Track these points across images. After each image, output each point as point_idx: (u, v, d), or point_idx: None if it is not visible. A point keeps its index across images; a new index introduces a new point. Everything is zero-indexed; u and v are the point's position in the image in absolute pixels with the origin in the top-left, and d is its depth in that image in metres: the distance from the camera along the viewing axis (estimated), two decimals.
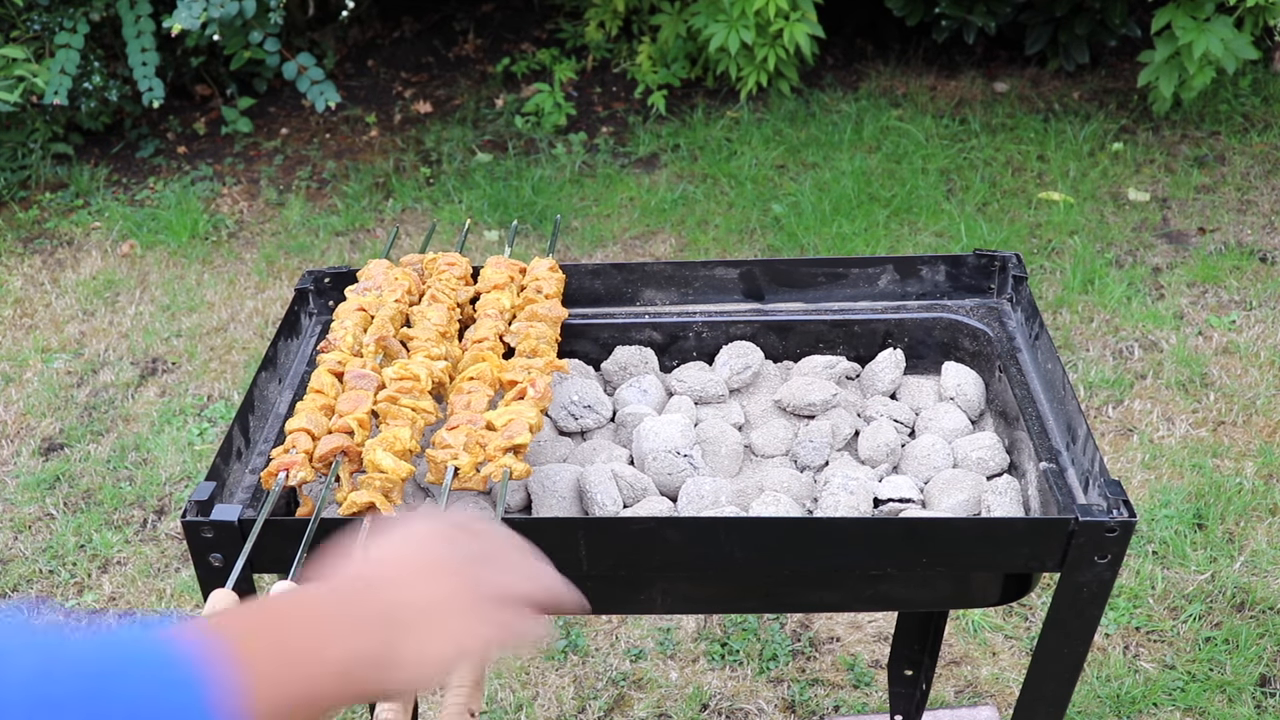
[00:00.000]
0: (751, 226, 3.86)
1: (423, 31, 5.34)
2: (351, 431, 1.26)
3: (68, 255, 3.95)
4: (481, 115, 4.73)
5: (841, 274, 1.57)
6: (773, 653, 2.36)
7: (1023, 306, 1.51)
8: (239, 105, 4.74)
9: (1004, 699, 2.24)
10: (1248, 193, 3.93)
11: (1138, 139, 4.25)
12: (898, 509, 1.30)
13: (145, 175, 4.45)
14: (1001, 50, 4.85)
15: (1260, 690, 2.25)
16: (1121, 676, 2.27)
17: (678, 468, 1.34)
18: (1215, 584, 2.46)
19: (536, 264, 1.54)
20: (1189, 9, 3.90)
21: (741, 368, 1.51)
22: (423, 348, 1.37)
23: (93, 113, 4.40)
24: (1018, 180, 4.05)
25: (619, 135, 4.53)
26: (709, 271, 1.57)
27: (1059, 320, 3.32)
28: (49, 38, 4.15)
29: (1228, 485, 2.68)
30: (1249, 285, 3.44)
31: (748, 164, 4.20)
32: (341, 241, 3.96)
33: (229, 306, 3.62)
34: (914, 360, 1.54)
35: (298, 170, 4.46)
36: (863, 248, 3.67)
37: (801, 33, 4.22)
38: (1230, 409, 2.94)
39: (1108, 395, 3.02)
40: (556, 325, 1.45)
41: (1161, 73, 4.05)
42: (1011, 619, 2.41)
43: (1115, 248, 3.66)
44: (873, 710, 2.24)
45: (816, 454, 1.39)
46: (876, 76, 4.77)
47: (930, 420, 1.44)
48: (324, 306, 1.58)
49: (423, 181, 4.30)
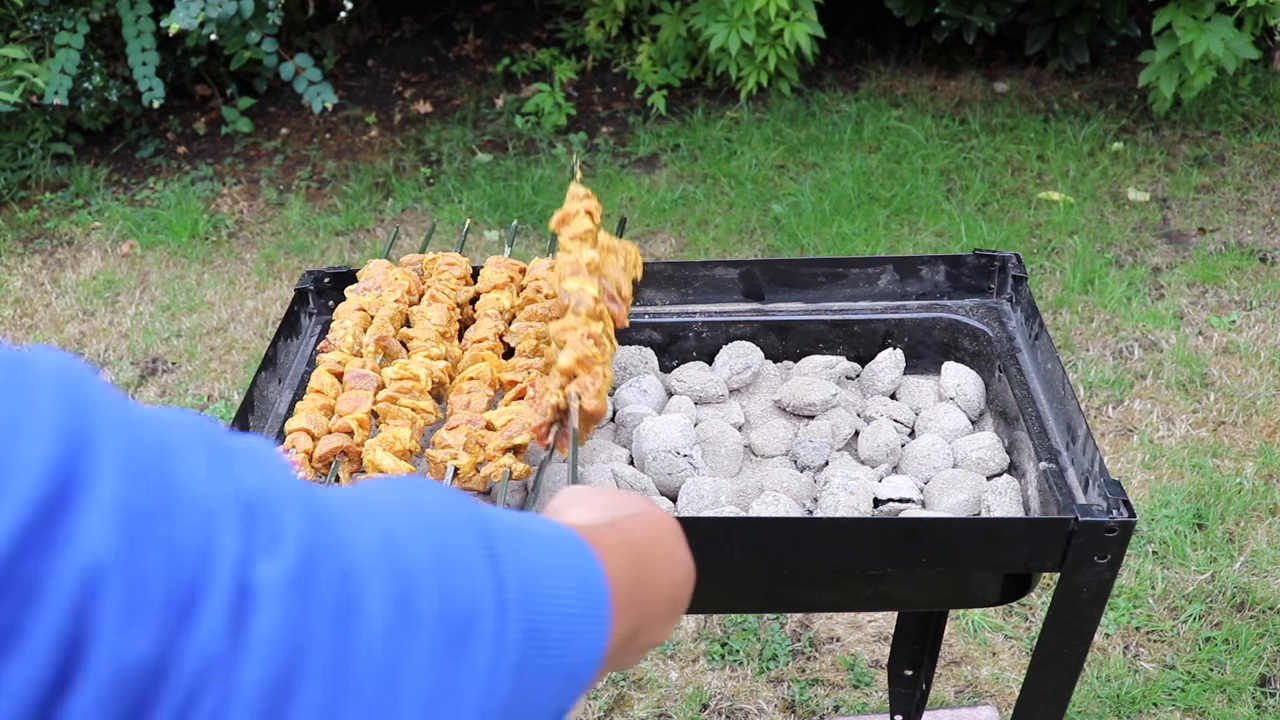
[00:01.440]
0: (751, 226, 3.86)
1: (423, 31, 5.34)
2: (351, 431, 1.26)
3: (68, 255, 3.95)
4: (481, 115, 4.73)
5: (841, 274, 1.57)
6: (773, 653, 2.36)
7: (1023, 306, 1.51)
8: (239, 105, 4.74)
9: (1004, 699, 2.24)
10: (1248, 193, 3.93)
11: (1138, 139, 4.25)
12: (898, 509, 1.30)
13: (145, 175, 4.45)
14: (1001, 50, 4.85)
15: (1260, 690, 2.25)
16: (1121, 676, 2.27)
17: (678, 468, 1.34)
18: (1215, 584, 2.46)
19: (536, 264, 1.54)
20: (1189, 9, 3.90)
21: (741, 368, 1.51)
22: (422, 348, 1.37)
23: (93, 113, 4.41)
24: (1018, 180, 4.05)
25: (619, 135, 4.53)
26: (709, 271, 1.57)
27: (1059, 320, 3.32)
28: (49, 38, 4.15)
29: (1228, 485, 2.68)
30: (1249, 285, 3.44)
31: (748, 164, 4.20)
32: (341, 241, 3.96)
33: (229, 306, 3.62)
34: (914, 360, 1.54)
35: (298, 170, 4.46)
36: (863, 248, 3.67)
37: (802, 33, 4.22)
38: (1230, 409, 2.94)
39: (1108, 395, 3.02)
40: None
41: (1162, 73, 4.05)
42: (1011, 619, 2.41)
43: (1115, 248, 3.66)
44: (873, 710, 2.24)
45: (816, 454, 1.39)
46: (876, 76, 4.77)
47: (930, 420, 1.44)
48: (324, 306, 1.58)
49: (423, 181, 4.30)
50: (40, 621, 0.36)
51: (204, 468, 0.42)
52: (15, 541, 0.36)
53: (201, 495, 0.41)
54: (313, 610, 0.42)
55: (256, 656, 0.40)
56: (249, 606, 0.40)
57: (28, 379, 0.39)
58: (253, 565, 0.41)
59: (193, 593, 0.39)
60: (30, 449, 0.37)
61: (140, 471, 0.40)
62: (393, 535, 0.47)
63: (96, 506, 0.38)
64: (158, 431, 0.42)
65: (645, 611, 0.63)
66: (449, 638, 0.46)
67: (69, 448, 0.38)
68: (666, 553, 0.68)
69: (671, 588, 0.67)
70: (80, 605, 0.37)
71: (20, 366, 0.40)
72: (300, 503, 0.45)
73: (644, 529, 0.67)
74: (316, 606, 0.42)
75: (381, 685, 0.43)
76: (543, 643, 0.51)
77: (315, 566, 0.43)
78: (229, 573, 0.40)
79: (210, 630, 0.39)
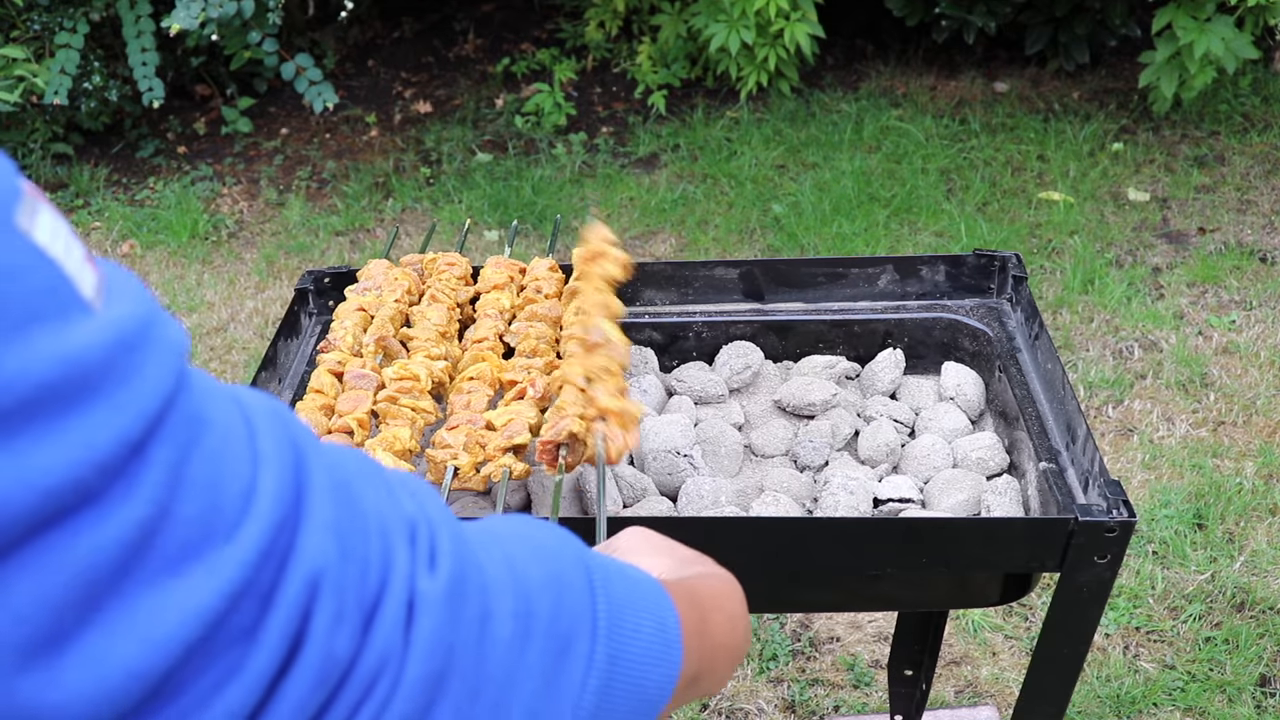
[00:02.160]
0: (751, 226, 3.86)
1: (423, 31, 5.34)
2: (351, 431, 1.26)
3: None
4: (481, 115, 4.73)
5: (841, 274, 1.57)
6: (773, 653, 2.35)
7: (1023, 306, 1.51)
8: (239, 105, 4.74)
9: (1004, 699, 2.24)
10: (1248, 193, 3.93)
11: (1138, 139, 4.25)
12: (898, 509, 1.30)
13: (145, 175, 4.45)
14: (1001, 50, 4.85)
15: (1260, 690, 2.25)
16: (1121, 676, 2.27)
17: (678, 468, 1.34)
18: (1215, 584, 2.46)
19: (536, 264, 1.54)
20: (1189, 9, 3.90)
21: (741, 368, 1.51)
22: (422, 348, 1.37)
23: (93, 113, 4.40)
24: (1018, 180, 4.05)
25: (619, 135, 4.53)
26: (709, 271, 1.57)
27: (1059, 320, 3.32)
28: (49, 38, 4.15)
29: (1228, 485, 2.68)
30: (1249, 285, 3.44)
31: (748, 164, 4.20)
32: (341, 241, 3.96)
33: (229, 306, 3.62)
34: (914, 360, 1.54)
35: (298, 170, 4.46)
36: (863, 248, 3.67)
37: (802, 33, 4.22)
38: (1230, 409, 2.94)
39: (1108, 395, 3.02)
40: (556, 325, 1.45)
41: (1162, 73, 4.05)
42: (1011, 619, 2.41)
43: (1115, 248, 3.66)
44: (873, 710, 2.24)
45: (816, 454, 1.39)
46: (876, 76, 4.77)
47: (930, 420, 1.44)
48: (324, 306, 1.58)
49: (423, 181, 4.30)
50: (274, 621, 0.43)
51: (376, 494, 0.49)
52: (261, 553, 0.42)
53: (378, 517, 0.48)
54: (461, 619, 0.49)
55: (420, 655, 0.47)
56: (415, 614, 0.47)
57: (251, 411, 0.46)
58: (418, 579, 0.48)
59: (377, 600, 0.46)
60: (269, 477, 0.44)
61: (340, 495, 0.47)
62: (514, 558, 0.55)
63: (317, 524, 0.45)
64: (341, 462, 0.49)
65: (708, 660, 0.70)
66: (555, 650, 0.54)
67: (295, 474, 0.45)
68: (730, 613, 0.75)
69: (732, 642, 0.74)
70: (305, 608, 0.43)
71: (240, 401, 0.46)
72: (449, 527, 0.52)
73: (709, 589, 0.75)
74: (464, 616, 0.49)
75: (502, 685, 0.50)
76: (624, 668, 0.58)
77: (464, 582, 0.50)
78: (402, 584, 0.47)
79: (387, 633, 0.46)
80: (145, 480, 0.40)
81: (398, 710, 0.46)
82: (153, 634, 0.39)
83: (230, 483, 0.42)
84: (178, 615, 0.40)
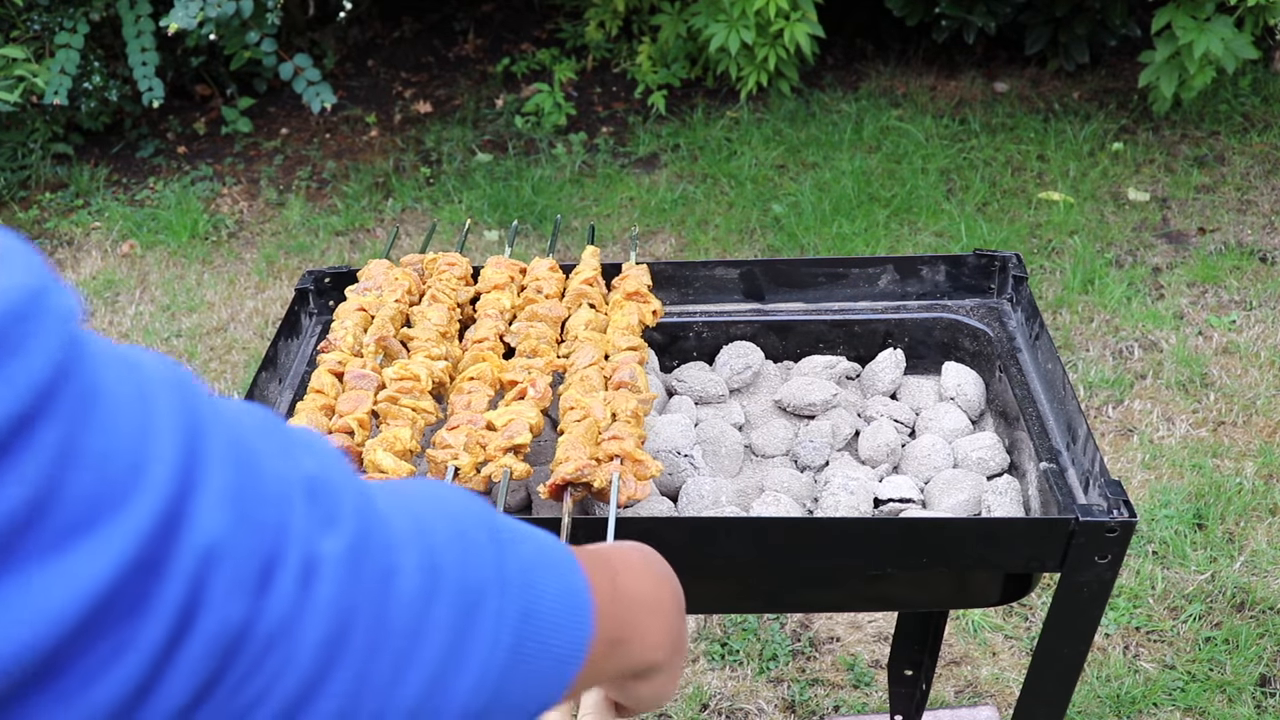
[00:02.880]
0: (751, 226, 3.86)
1: (423, 31, 5.34)
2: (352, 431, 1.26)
3: (68, 255, 3.95)
4: (481, 115, 4.73)
5: (841, 274, 1.57)
6: (773, 653, 2.35)
7: (1023, 306, 1.51)
8: (239, 105, 4.74)
9: (1004, 699, 2.24)
10: (1248, 193, 3.93)
11: (1138, 139, 4.25)
12: (898, 509, 1.30)
13: (145, 175, 4.45)
14: (1001, 50, 4.85)
15: (1260, 690, 2.25)
16: (1121, 676, 2.27)
17: (678, 468, 1.34)
18: (1215, 584, 2.46)
19: (536, 264, 1.54)
20: (1189, 9, 3.90)
21: (742, 368, 1.51)
22: (423, 348, 1.37)
23: (93, 113, 4.41)
24: (1018, 180, 4.05)
25: (619, 135, 4.53)
26: (709, 271, 1.56)
27: (1059, 320, 3.32)
28: (49, 38, 4.15)
29: (1228, 485, 2.68)
30: (1249, 285, 3.44)
31: (748, 164, 4.20)
32: (341, 241, 3.96)
33: (229, 306, 3.62)
34: (914, 360, 1.54)
35: (298, 170, 4.46)
36: (863, 248, 3.67)
37: (802, 32, 4.22)
38: (1230, 409, 2.94)
39: (1108, 395, 3.02)
40: (557, 325, 1.45)
41: (1162, 73, 4.05)
42: (1011, 619, 2.41)
43: (1115, 248, 3.66)
44: (873, 710, 2.24)
45: (817, 454, 1.39)
46: (876, 76, 4.77)
47: (930, 420, 1.44)
48: (324, 306, 1.58)
49: (423, 181, 4.30)
50: (164, 593, 0.42)
51: (274, 453, 0.48)
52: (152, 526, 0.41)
53: (276, 478, 0.47)
54: (362, 577, 0.48)
55: (318, 616, 0.46)
56: (313, 576, 0.46)
57: (146, 379, 0.44)
58: (317, 540, 0.47)
59: (272, 564, 0.45)
60: (162, 447, 0.43)
61: (237, 460, 0.46)
62: (421, 516, 0.55)
63: (212, 493, 0.44)
64: (240, 421, 0.48)
65: (628, 621, 0.70)
66: (465, 605, 0.53)
67: (190, 443, 0.44)
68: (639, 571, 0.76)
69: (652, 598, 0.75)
70: (197, 579, 0.43)
71: (137, 368, 0.44)
72: (351, 486, 0.51)
73: (618, 552, 0.77)
74: (365, 574, 0.49)
75: (408, 639, 0.50)
76: (535, 626, 0.58)
77: (367, 538, 0.49)
78: (299, 547, 0.46)
79: (283, 597, 0.45)
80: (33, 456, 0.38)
81: (296, 671, 0.45)
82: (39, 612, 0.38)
83: (121, 456, 0.41)
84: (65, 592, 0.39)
